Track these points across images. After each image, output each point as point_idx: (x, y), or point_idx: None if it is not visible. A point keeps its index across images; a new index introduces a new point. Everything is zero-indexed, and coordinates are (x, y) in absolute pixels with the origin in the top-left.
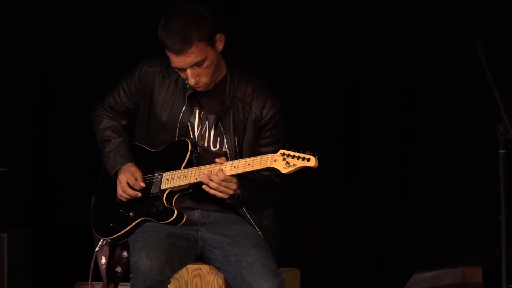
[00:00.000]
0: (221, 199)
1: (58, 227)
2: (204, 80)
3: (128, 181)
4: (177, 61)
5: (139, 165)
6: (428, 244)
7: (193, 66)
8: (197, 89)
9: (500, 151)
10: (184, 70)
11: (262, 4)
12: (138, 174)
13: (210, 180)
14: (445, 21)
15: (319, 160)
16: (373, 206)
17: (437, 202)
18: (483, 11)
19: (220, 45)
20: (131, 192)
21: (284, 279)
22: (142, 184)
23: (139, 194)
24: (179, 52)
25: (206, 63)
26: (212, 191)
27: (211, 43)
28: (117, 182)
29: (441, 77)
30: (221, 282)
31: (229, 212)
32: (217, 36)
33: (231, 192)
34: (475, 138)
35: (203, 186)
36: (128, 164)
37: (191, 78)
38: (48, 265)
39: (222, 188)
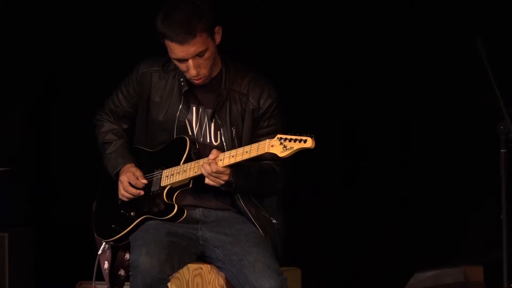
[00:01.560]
0: (223, 197)
1: (59, 226)
2: (204, 72)
3: (129, 180)
4: (180, 51)
5: (139, 166)
6: (429, 243)
7: (195, 56)
8: (196, 82)
9: (501, 150)
10: (185, 61)
11: None
12: (138, 173)
13: (203, 168)
14: (446, 19)
15: (316, 141)
16: (374, 205)
17: (439, 201)
18: (485, 10)
19: (218, 38)
20: (133, 190)
21: (286, 278)
22: (144, 181)
23: (142, 192)
24: (183, 42)
25: (207, 54)
26: (206, 180)
27: (211, 35)
28: (119, 182)
29: (443, 75)
30: (222, 281)
31: (230, 211)
32: (216, 28)
33: (222, 182)
34: (477, 137)
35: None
36: (129, 165)
37: (193, 69)
38: (49, 265)
39: (212, 178)
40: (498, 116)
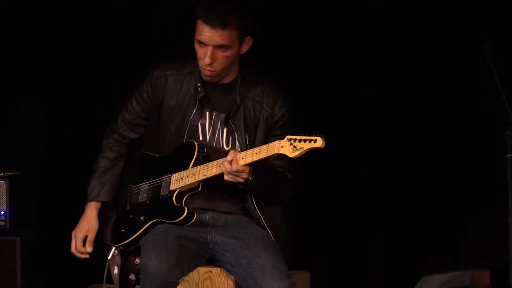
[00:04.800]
0: (233, 201)
1: (70, 230)
2: (217, 66)
3: (77, 243)
4: (206, 33)
5: (146, 172)
6: (436, 246)
7: (217, 47)
8: (206, 73)
9: (508, 154)
10: (206, 46)
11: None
12: (90, 235)
13: (223, 166)
14: (452, 22)
15: (326, 140)
16: (382, 209)
17: (446, 204)
18: (492, 13)
19: (245, 47)
20: (81, 256)
21: (295, 281)
22: (89, 250)
23: (88, 256)
24: (213, 27)
25: (227, 52)
26: (225, 177)
27: (241, 38)
28: (72, 236)
29: (449, 79)
30: (231, 284)
31: (240, 215)
32: (247, 38)
33: (241, 180)
34: (483, 142)
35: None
36: (92, 206)
37: (208, 57)
38: (61, 268)
39: (231, 176)
40: (505, 120)
